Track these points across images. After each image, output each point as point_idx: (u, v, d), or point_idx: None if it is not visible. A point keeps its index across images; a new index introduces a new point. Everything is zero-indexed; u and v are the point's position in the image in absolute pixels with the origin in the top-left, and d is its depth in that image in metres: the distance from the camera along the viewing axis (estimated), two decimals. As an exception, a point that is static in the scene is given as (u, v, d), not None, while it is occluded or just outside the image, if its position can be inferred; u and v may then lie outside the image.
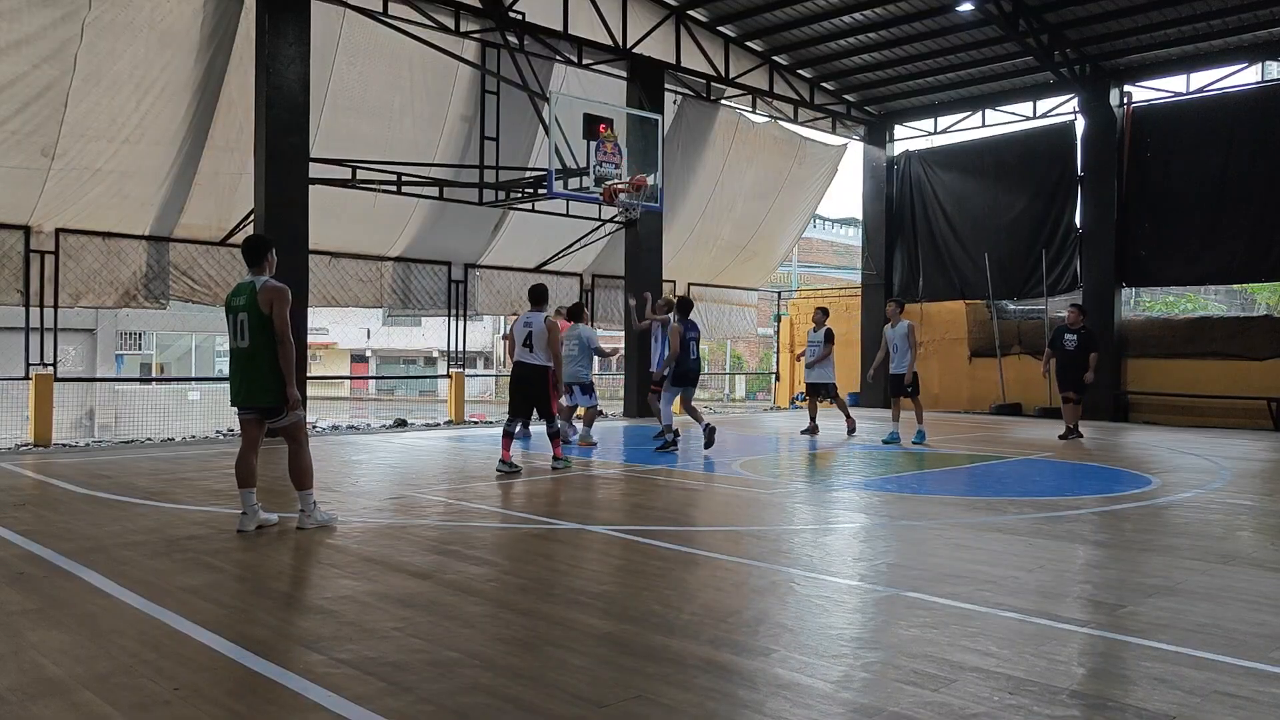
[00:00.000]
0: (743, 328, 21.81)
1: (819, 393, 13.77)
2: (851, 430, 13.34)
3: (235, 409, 6.10)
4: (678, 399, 11.47)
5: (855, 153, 21.38)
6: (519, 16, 14.34)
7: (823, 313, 13.79)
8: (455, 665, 3.53)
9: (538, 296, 9.17)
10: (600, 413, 12.65)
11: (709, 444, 11.00)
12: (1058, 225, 18.21)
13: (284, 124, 12.20)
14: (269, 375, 5.89)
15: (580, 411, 11.83)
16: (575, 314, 11.62)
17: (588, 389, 11.52)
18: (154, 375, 31.97)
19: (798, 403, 22.33)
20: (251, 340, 5.88)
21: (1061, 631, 4.03)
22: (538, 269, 17.62)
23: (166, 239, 13.25)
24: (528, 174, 14.38)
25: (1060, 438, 13.08)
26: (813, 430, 13.45)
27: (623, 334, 17.92)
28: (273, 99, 12.09)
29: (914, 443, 11.88)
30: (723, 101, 18.34)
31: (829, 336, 13.50)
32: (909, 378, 12.12)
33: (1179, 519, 6.87)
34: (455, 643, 3.81)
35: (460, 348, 16.30)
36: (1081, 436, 13.03)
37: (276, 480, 8.45)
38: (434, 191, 14.32)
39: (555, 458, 9.21)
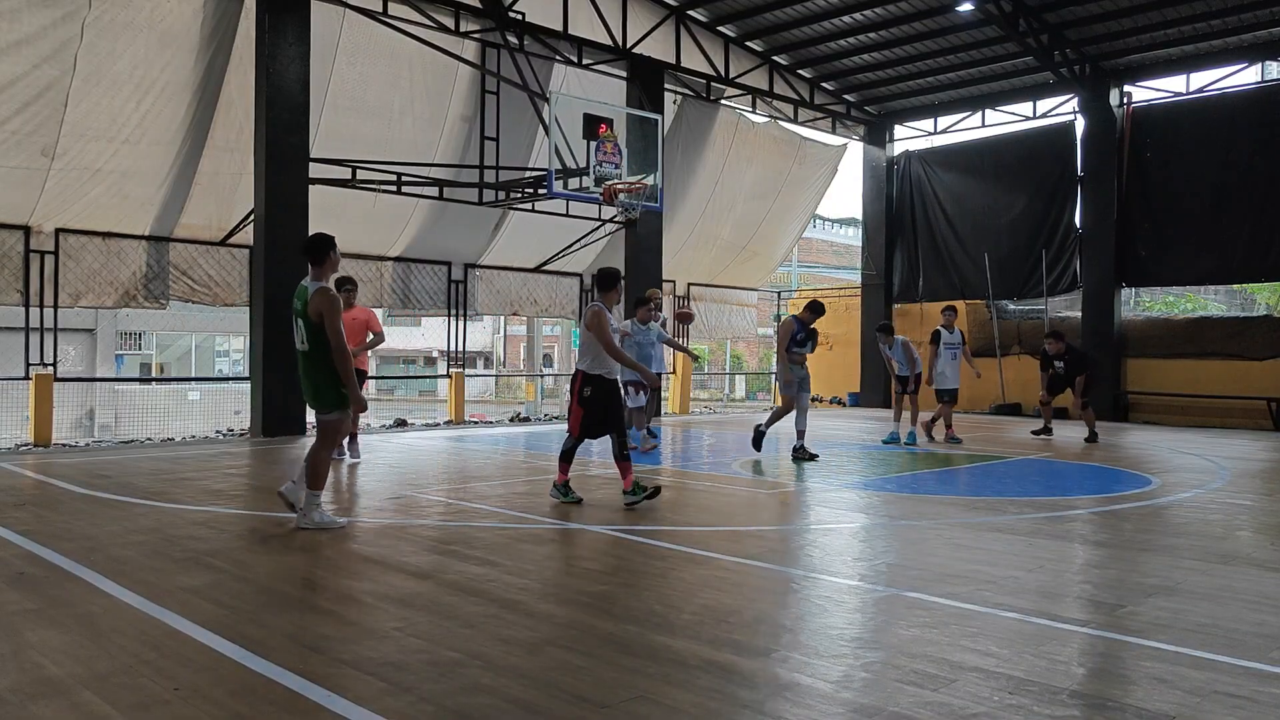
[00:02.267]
0: (742, 328, 21.81)
1: (954, 399, 12.47)
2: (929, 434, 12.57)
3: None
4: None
5: (855, 153, 21.40)
6: (519, 16, 14.33)
7: (954, 311, 12.74)
8: (455, 665, 3.53)
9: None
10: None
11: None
12: (1058, 225, 18.21)
13: (284, 124, 12.21)
14: (322, 380, 6.07)
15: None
16: (640, 304, 10.89)
17: (636, 388, 10.50)
18: (154, 375, 31.96)
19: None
20: (309, 345, 6.03)
21: (1061, 631, 4.03)
22: (538, 269, 17.62)
23: (166, 239, 13.25)
24: (528, 174, 14.37)
25: (1034, 433, 13.06)
26: (948, 438, 12.29)
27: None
28: (273, 99, 12.10)
29: (905, 444, 11.88)
30: (723, 101, 18.34)
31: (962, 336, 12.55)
32: (911, 383, 12.06)
33: (1179, 519, 6.87)
34: (455, 643, 3.80)
35: (460, 348, 16.29)
36: (1096, 440, 12.44)
37: (277, 480, 8.45)
38: (434, 191, 14.32)
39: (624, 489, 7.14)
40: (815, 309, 10.31)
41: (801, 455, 10.18)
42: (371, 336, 9.60)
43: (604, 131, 12.95)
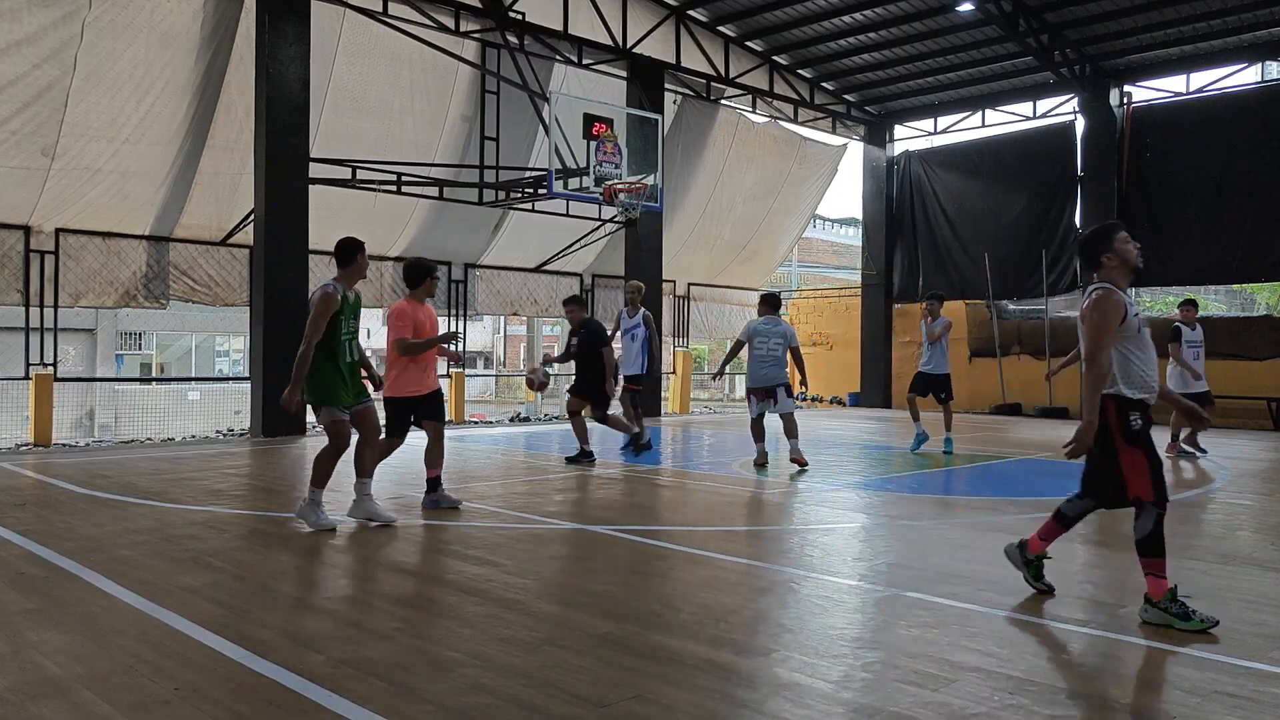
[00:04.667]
0: (743, 328, 21.81)
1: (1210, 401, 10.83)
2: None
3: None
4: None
5: (855, 153, 21.40)
6: (519, 16, 14.34)
7: (1195, 306, 11.16)
8: (455, 665, 3.53)
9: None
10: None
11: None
12: (1058, 225, 18.21)
13: (284, 124, 12.21)
14: (312, 373, 5.99)
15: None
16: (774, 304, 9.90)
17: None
18: (154, 375, 31.96)
19: (798, 402, 22.30)
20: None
21: (1061, 631, 4.03)
22: (538, 269, 17.62)
23: (166, 239, 13.25)
24: (528, 174, 14.38)
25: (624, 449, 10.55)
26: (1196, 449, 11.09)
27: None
28: (273, 99, 12.10)
29: (944, 451, 10.91)
30: (723, 101, 18.34)
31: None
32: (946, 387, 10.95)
33: (1179, 519, 6.86)
34: (455, 643, 3.80)
35: (460, 348, 16.29)
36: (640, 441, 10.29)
37: (276, 480, 8.46)
38: (434, 191, 14.32)
39: None
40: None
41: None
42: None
43: (604, 131, 12.95)
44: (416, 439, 6.85)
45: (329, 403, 6.07)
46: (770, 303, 9.84)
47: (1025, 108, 19.15)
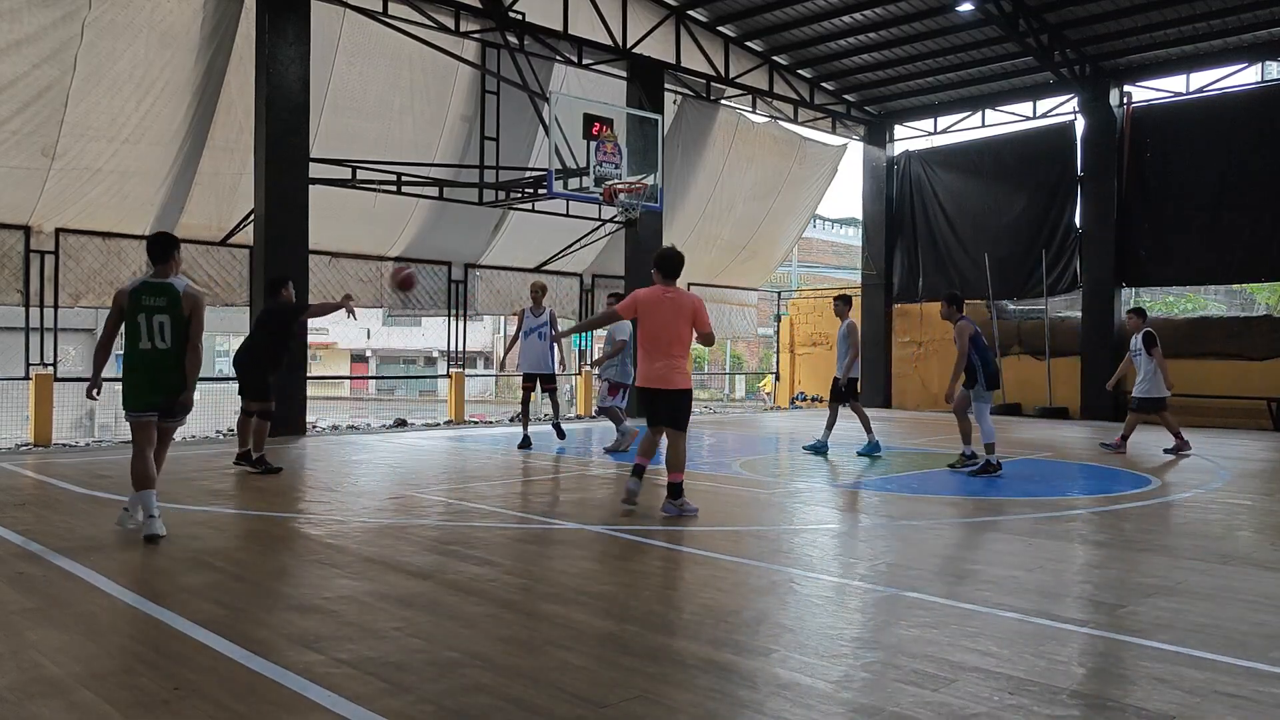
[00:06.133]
0: (743, 328, 21.81)
1: (1150, 408, 11.46)
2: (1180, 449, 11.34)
3: (131, 411, 5.89)
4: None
5: (855, 153, 21.41)
6: (519, 16, 14.34)
7: (1140, 314, 11.64)
8: (455, 665, 3.53)
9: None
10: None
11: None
12: (1057, 225, 18.22)
13: (284, 124, 12.21)
14: (179, 376, 5.88)
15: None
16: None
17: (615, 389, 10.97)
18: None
19: (798, 402, 22.34)
20: (174, 343, 5.86)
21: (1061, 631, 4.03)
22: (538, 269, 17.62)
23: (166, 239, 13.24)
24: (528, 174, 14.38)
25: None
26: (1121, 448, 11.41)
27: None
28: (273, 99, 12.10)
29: (862, 453, 10.85)
30: (723, 101, 18.34)
31: (1152, 340, 11.23)
32: (844, 382, 10.90)
33: (1179, 519, 6.87)
34: (455, 643, 3.80)
35: (460, 348, 16.29)
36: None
37: (276, 480, 8.45)
38: (434, 191, 14.32)
39: None
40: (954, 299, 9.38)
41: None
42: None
43: (604, 131, 12.95)
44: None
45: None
46: None
47: (1025, 108, 19.17)
